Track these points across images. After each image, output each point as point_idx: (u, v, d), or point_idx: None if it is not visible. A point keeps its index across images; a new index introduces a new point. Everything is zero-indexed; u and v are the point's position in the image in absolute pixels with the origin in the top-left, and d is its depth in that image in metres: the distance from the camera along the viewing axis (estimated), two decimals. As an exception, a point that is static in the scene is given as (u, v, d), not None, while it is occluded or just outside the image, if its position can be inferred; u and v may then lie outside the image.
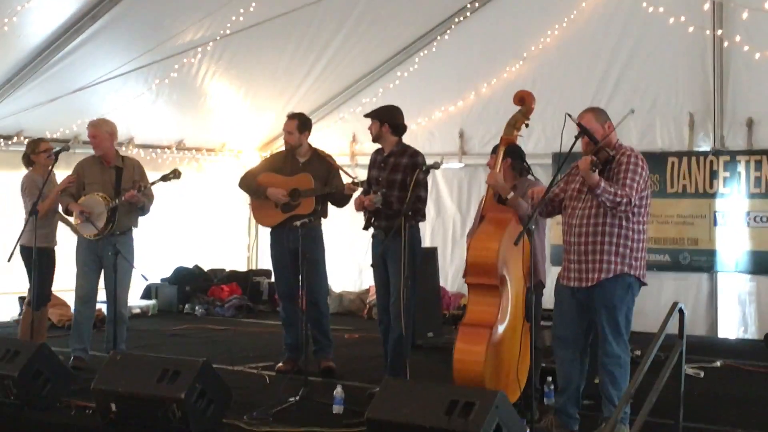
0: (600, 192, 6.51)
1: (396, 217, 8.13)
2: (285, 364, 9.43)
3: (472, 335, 7.45)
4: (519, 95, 7.87)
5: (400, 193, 8.27)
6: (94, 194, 9.46)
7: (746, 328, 12.00)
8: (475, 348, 7.35)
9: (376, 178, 8.51)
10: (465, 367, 7.38)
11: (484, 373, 7.23)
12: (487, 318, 7.45)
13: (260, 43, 12.56)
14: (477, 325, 7.48)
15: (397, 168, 8.39)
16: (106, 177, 9.59)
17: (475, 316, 7.55)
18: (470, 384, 7.10)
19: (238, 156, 15.19)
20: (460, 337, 7.50)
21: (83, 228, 9.51)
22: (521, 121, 7.80)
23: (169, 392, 6.80)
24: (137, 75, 12.01)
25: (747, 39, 11.47)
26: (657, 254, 12.17)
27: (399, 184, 8.31)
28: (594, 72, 12.76)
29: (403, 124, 8.63)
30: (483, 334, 7.35)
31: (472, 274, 7.54)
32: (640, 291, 6.95)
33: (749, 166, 11.81)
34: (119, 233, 9.51)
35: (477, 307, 7.58)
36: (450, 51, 13.61)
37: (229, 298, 14.24)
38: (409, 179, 8.19)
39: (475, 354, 7.32)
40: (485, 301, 7.49)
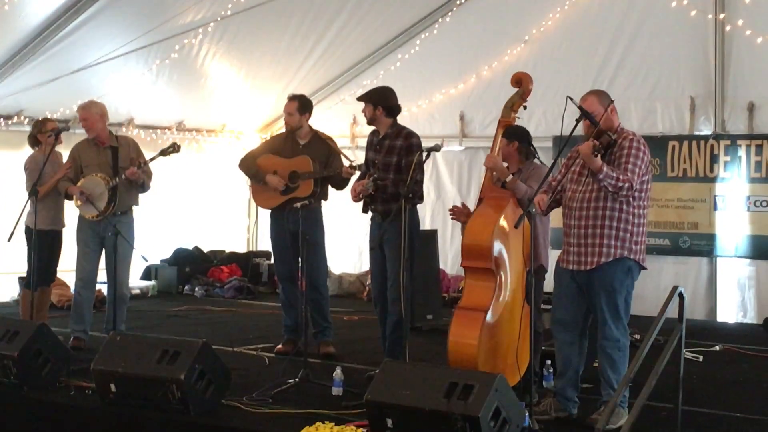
0: (603, 177, 6.50)
1: (392, 201, 8.17)
2: (284, 345, 9.45)
3: (466, 318, 7.50)
4: (516, 77, 7.86)
5: (396, 175, 8.25)
6: (93, 175, 9.46)
7: (745, 313, 12.01)
8: (469, 331, 7.41)
9: (373, 160, 8.50)
10: (459, 349, 7.45)
11: (477, 356, 7.27)
12: (481, 301, 7.48)
13: (261, 24, 12.54)
14: (471, 308, 7.53)
15: (392, 150, 8.36)
16: (103, 158, 9.58)
17: (471, 299, 7.60)
18: (464, 366, 7.14)
19: (238, 137, 15.18)
20: (455, 320, 7.58)
21: (84, 209, 9.51)
22: (519, 104, 7.80)
23: (168, 373, 6.81)
24: (138, 55, 12.00)
25: (749, 23, 11.46)
26: (657, 238, 12.18)
27: (394, 167, 8.29)
28: (595, 55, 12.74)
29: (397, 106, 8.57)
30: (477, 317, 7.38)
31: (467, 257, 7.57)
32: (639, 275, 6.95)
33: (750, 151, 11.80)
34: (120, 213, 9.52)
35: (472, 291, 7.62)
36: (451, 33, 13.59)
37: (229, 280, 14.25)
38: (405, 161, 8.20)
39: (469, 337, 7.37)
40: (480, 285, 7.52)
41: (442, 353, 8.36)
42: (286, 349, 9.33)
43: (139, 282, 13.95)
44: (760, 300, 11.89)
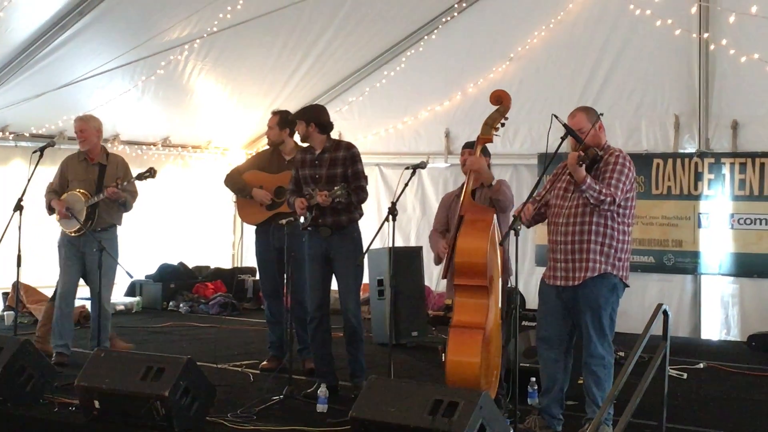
0: (585, 188, 6.54)
1: (343, 212, 8.23)
2: (269, 362, 9.45)
3: (465, 337, 7.37)
4: (496, 95, 7.86)
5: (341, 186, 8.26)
6: (75, 191, 9.46)
7: (729, 330, 12.03)
8: (470, 350, 7.27)
9: (312, 176, 8.36)
10: (460, 369, 7.26)
11: (480, 375, 7.20)
12: (478, 319, 7.41)
13: (247, 41, 12.54)
14: (469, 326, 7.42)
15: (335, 162, 8.32)
16: (90, 174, 9.58)
17: (465, 317, 7.44)
18: (464, 383, 7.06)
19: (224, 153, 15.17)
20: (453, 338, 7.39)
21: (65, 224, 9.50)
22: (498, 121, 7.80)
23: (152, 389, 6.80)
24: (123, 71, 11.98)
25: (733, 43, 11.51)
26: (641, 255, 12.20)
27: (341, 178, 8.26)
28: (580, 73, 12.78)
29: (329, 122, 8.54)
30: (477, 335, 7.30)
31: (462, 276, 7.48)
32: (624, 292, 6.97)
33: (734, 169, 11.85)
34: (101, 230, 9.49)
35: (466, 309, 7.49)
36: (437, 51, 13.63)
37: (214, 296, 14.21)
38: (351, 170, 8.25)
39: (471, 356, 7.24)
40: (475, 303, 7.44)
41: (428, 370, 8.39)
42: (271, 366, 9.32)
43: (123, 298, 13.92)
44: (744, 317, 11.91)
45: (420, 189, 14.10)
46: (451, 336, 7.42)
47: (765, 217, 11.66)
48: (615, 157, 6.81)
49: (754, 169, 11.72)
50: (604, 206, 6.64)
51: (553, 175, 7.12)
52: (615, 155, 6.83)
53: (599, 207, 6.65)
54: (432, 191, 14.14)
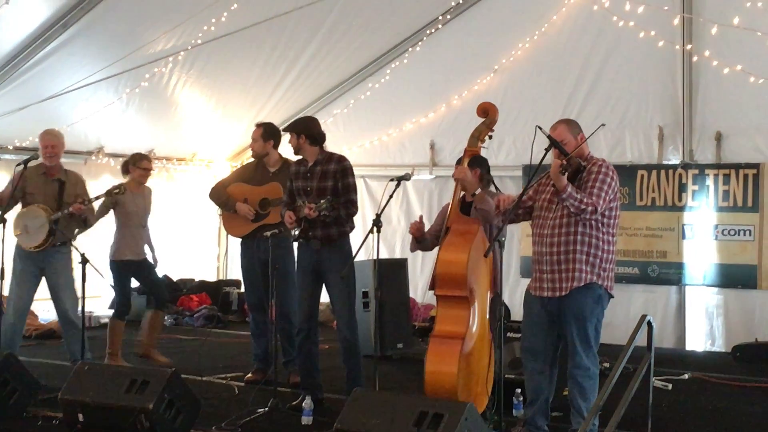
0: (566, 196, 6.54)
1: (333, 225, 8.22)
2: (254, 374, 9.43)
3: (444, 347, 7.41)
4: (482, 107, 7.89)
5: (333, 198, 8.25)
6: (36, 206, 9.40)
7: (714, 341, 12.06)
8: (448, 360, 7.33)
9: (304, 188, 8.37)
10: (438, 379, 7.35)
11: (457, 385, 7.22)
12: (458, 329, 7.44)
13: (232, 53, 12.55)
14: (448, 336, 7.46)
15: (326, 175, 8.32)
16: (49, 189, 9.51)
17: (446, 327, 7.52)
18: (443, 396, 7.08)
19: (208, 166, 15.16)
20: (432, 349, 7.46)
21: (23, 240, 9.41)
22: (485, 133, 7.83)
23: (137, 402, 6.78)
24: (108, 84, 11.97)
25: (716, 54, 11.56)
26: (626, 266, 12.23)
27: (331, 191, 8.25)
28: (565, 85, 12.82)
29: (321, 134, 8.54)
30: (455, 345, 7.34)
31: (442, 286, 7.52)
32: (609, 303, 6.98)
33: (717, 180, 11.89)
34: (59, 243, 9.45)
35: (447, 319, 7.56)
36: (421, 63, 13.65)
37: (199, 308, 14.19)
38: (341, 184, 8.25)
39: (448, 366, 7.29)
40: (455, 313, 7.48)
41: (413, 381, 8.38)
42: (255, 378, 9.31)
43: (107, 311, 13.84)
44: (728, 328, 11.94)
45: (405, 201, 14.11)
46: (430, 346, 7.47)
47: (749, 228, 11.70)
48: (598, 166, 6.82)
49: (737, 181, 11.77)
50: (586, 215, 6.64)
51: (538, 184, 7.11)
52: (598, 165, 6.84)
53: (581, 216, 6.66)
54: (417, 203, 14.15)
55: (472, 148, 7.84)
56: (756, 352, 11.18)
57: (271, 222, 9.11)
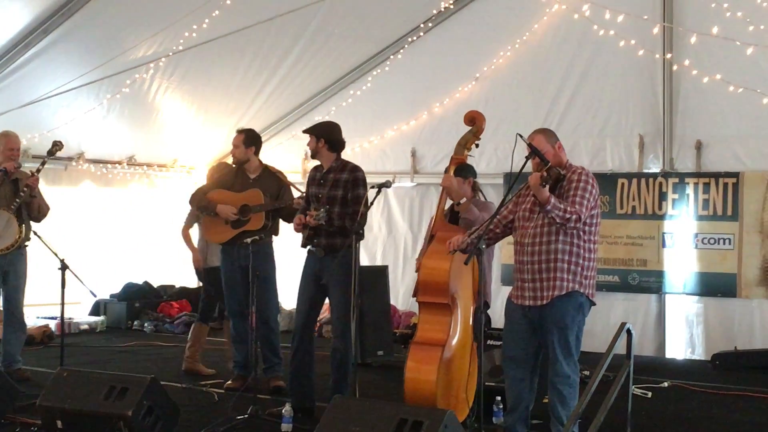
0: (550, 208, 6.54)
1: (337, 235, 8.20)
2: (234, 381, 9.41)
3: (423, 354, 7.48)
4: (469, 116, 7.93)
5: (341, 209, 8.24)
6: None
7: (693, 349, 12.09)
8: (427, 367, 7.39)
9: (316, 194, 8.41)
10: (417, 386, 7.42)
11: (436, 392, 7.25)
12: (438, 336, 7.48)
13: (213, 59, 12.54)
14: (428, 343, 7.51)
15: (338, 184, 8.33)
16: (7, 190, 9.52)
17: (427, 334, 7.59)
18: (422, 402, 7.13)
19: (189, 172, 15.12)
20: (412, 355, 7.53)
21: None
22: (471, 141, 7.87)
23: (116, 409, 6.76)
24: (89, 90, 11.93)
25: (696, 63, 11.60)
26: (606, 275, 12.25)
27: (340, 200, 8.26)
28: (546, 93, 12.85)
29: (341, 140, 8.56)
30: (435, 352, 7.38)
31: (424, 292, 7.57)
32: (590, 311, 6.99)
33: (697, 189, 11.93)
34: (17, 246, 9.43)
35: (428, 326, 7.61)
36: (403, 70, 13.67)
37: (179, 315, 14.14)
38: (351, 195, 8.21)
39: (427, 373, 7.35)
40: (436, 320, 7.52)
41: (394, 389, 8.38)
42: (236, 385, 9.27)
43: (87, 317, 13.84)
44: (708, 336, 11.98)
45: (386, 208, 14.12)
46: (410, 352, 7.53)
47: (729, 237, 11.74)
48: (578, 174, 6.82)
49: (717, 189, 11.81)
50: (570, 224, 6.65)
51: (516, 195, 7.13)
52: (578, 173, 6.84)
53: (565, 226, 6.66)
54: (398, 210, 14.15)
55: (458, 156, 7.89)
56: (735, 360, 11.22)
57: (252, 228, 9.09)
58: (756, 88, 11.08)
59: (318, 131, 8.52)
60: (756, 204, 11.62)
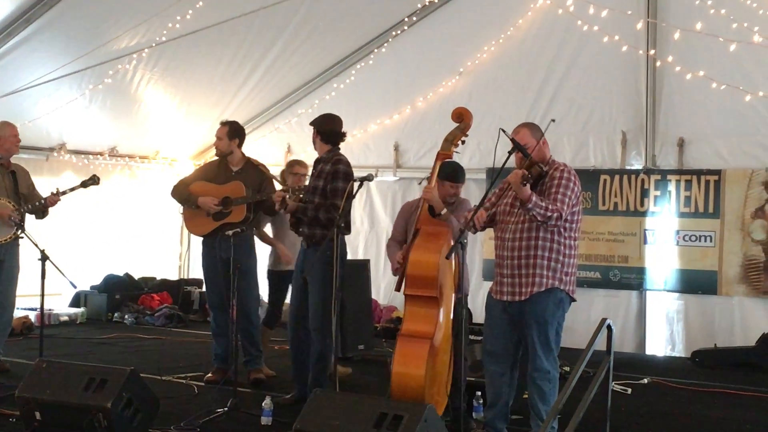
0: (531, 206, 6.53)
1: (316, 225, 8.24)
2: (214, 374, 9.38)
3: (411, 347, 7.47)
4: (457, 111, 7.94)
5: (320, 200, 8.26)
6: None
7: (674, 346, 12.12)
8: (416, 361, 7.39)
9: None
10: (405, 380, 7.40)
11: (424, 386, 7.26)
12: (427, 329, 7.51)
13: (196, 51, 12.50)
14: (417, 336, 7.51)
15: (321, 175, 8.37)
16: (7, 181, 9.48)
17: (415, 327, 7.58)
18: (409, 396, 7.15)
19: (171, 164, 15.08)
20: (400, 347, 7.50)
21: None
22: (458, 138, 7.87)
23: (95, 401, 6.71)
24: (71, 80, 11.88)
25: (679, 60, 11.61)
26: (587, 271, 12.28)
27: (320, 191, 8.30)
28: (529, 88, 12.86)
29: (334, 132, 8.58)
30: (424, 345, 7.39)
31: (412, 285, 7.58)
32: (570, 307, 6.99)
33: (679, 186, 11.96)
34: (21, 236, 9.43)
35: (416, 318, 7.62)
36: (387, 64, 13.66)
37: (160, 307, 14.11)
38: (329, 187, 8.23)
39: (416, 366, 7.35)
40: (424, 313, 7.55)
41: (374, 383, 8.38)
42: (215, 378, 9.25)
43: (68, 309, 13.79)
44: (689, 333, 12.01)
45: (368, 202, 14.11)
46: (398, 344, 7.49)
47: (710, 234, 11.77)
48: (560, 171, 6.82)
49: (699, 187, 11.84)
50: (551, 222, 6.64)
51: (499, 189, 7.12)
52: (560, 170, 6.84)
53: (546, 223, 6.66)
54: (380, 204, 14.15)
55: (445, 151, 7.91)
56: (715, 357, 11.25)
57: (233, 221, 9.07)
58: (738, 86, 11.11)
59: (314, 122, 8.67)
60: (737, 202, 11.66)
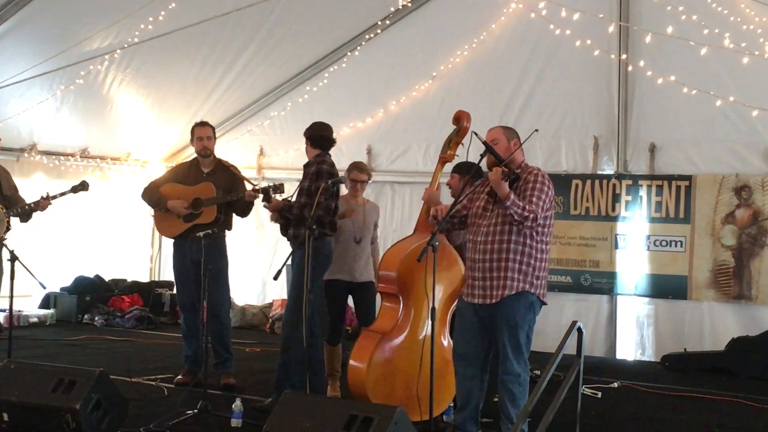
0: (509, 204, 6.54)
1: (300, 225, 8.23)
2: (184, 376, 9.35)
3: (364, 339, 7.84)
4: (455, 115, 8.08)
5: (305, 199, 8.30)
6: None
7: (644, 351, 12.17)
8: (362, 354, 7.72)
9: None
10: (352, 371, 7.78)
11: (366, 380, 7.58)
12: (383, 325, 7.83)
13: (169, 53, 12.45)
14: (373, 330, 7.88)
15: (306, 175, 8.44)
16: None
17: (376, 322, 8.02)
18: (355, 389, 7.56)
19: (143, 166, 15.01)
20: (358, 341, 7.92)
21: None
22: (456, 141, 7.95)
23: (63, 402, 6.68)
24: (42, 80, 11.80)
25: (650, 64, 11.66)
26: (559, 275, 12.31)
27: (305, 192, 8.34)
28: (502, 93, 12.87)
29: (324, 137, 8.69)
30: (372, 338, 7.72)
31: (379, 280, 8.02)
32: (540, 310, 7.01)
33: (650, 191, 12.02)
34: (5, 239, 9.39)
35: (381, 314, 8.00)
36: (360, 68, 13.64)
37: (130, 309, 14.04)
38: (314, 186, 8.24)
39: (360, 358, 7.71)
40: (387, 309, 7.91)
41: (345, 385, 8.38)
42: (186, 380, 9.23)
43: (37, 310, 13.71)
44: (658, 338, 12.06)
45: (341, 205, 14.08)
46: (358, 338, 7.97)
47: (680, 239, 11.83)
48: (534, 175, 6.84)
49: (670, 192, 11.90)
50: (527, 223, 6.65)
51: (471, 191, 7.13)
52: (534, 173, 6.86)
53: (522, 225, 6.67)
54: (353, 208, 14.12)
55: (443, 155, 8.03)
56: (685, 361, 11.31)
57: (204, 222, 9.05)
58: (709, 90, 11.16)
59: (307, 130, 8.75)
60: (708, 207, 11.73)
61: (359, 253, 9.09)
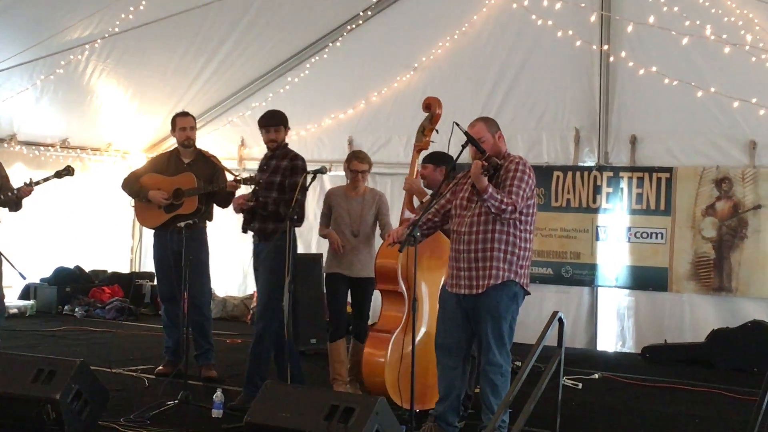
0: (487, 197, 6.55)
1: (271, 220, 8.24)
2: (165, 367, 9.35)
3: (377, 340, 7.85)
4: (425, 102, 8.11)
5: (278, 195, 8.26)
6: None
7: (624, 342, 12.20)
8: (378, 352, 7.77)
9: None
10: (370, 370, 7.81)
11: (385, 378, 7.61)
12: (391, 324, 7.83)
13: (150, 43, 12.39)
14: (382, 330, 7.87)
15: (277, 170, 8.37)
16: None
17: (383, 321, 7.96)
18: (376, 388, 7.62)
19: (124, 156, 14.95)
20: (368, 342, 7.95)
21: None
22: (429, 128, 7.93)
23: (43, 392, 6.66)
24: (21, 70, 11.73)
25: (632, 55, 11.68)
26: (540, 267, 12.33)
27: (277, 187, 8.29)
28: (484, 84, 12.87)
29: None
30: (385, 339, 7.75)
31: (379, 279, 8.00)
32: (524, 301, 7.01)
33: (631, 183, 12.04)
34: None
35: (386, 314, 7.98)
36: (341, 59, 13.62)
37: (111, 300, 13.99)
38: (288, 182, 8.24)
39: (378, 358, 7.75)
40: (393, 308, 7.93)
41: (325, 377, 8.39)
42: (166, 371, 9.22)
43: (17, 301, 13.65)
44: (639, 330, 12.08)
45: (322, 196, 14.02)
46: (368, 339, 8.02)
47: (661, 231, 11.85)
48: (515, 164, 6.84)
49: (651, 184, 11.92)
50: (506, 215, 6.66)
51: (454, 184, 7.14)
52: (515, 162, 6.86)
53: (501, 216, 6.67)
54: (334, 199, 14.11)
55: (418, 143, 8.04)
56: (665, 353, 11.35)
57: (185, 212, 9.05)
58: (690, 81, 11.17)
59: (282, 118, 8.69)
60: (688, 199, 11.75)
61: (357, 246, 8.84)
